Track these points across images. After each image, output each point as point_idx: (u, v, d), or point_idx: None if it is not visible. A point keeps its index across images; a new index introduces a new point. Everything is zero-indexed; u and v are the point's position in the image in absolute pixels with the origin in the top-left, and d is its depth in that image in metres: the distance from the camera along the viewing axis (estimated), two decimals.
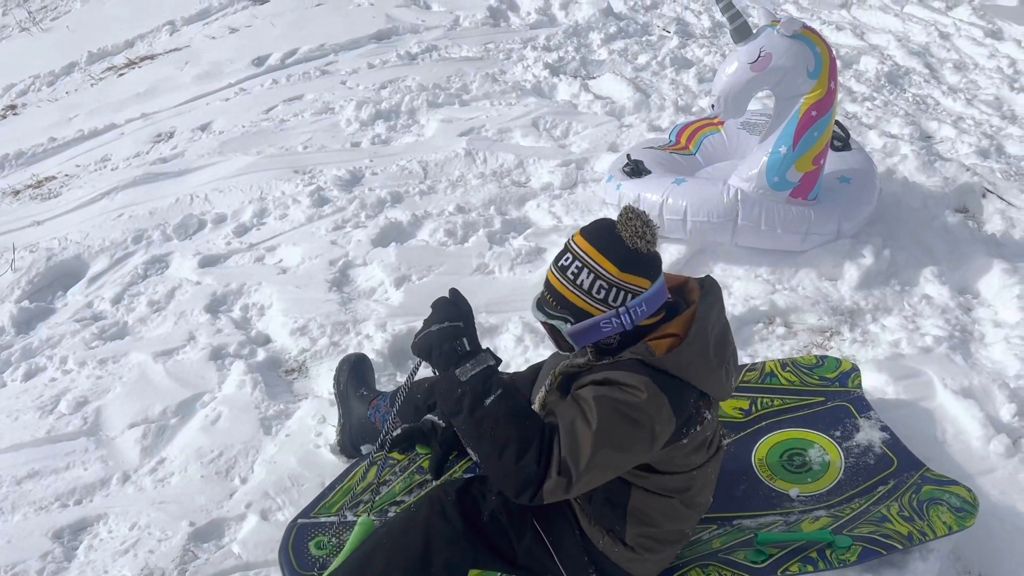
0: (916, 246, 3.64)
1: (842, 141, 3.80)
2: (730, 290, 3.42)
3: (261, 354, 3.13)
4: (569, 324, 1.87)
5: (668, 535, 2.01)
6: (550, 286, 1.89)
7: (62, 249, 3.92)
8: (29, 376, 3.14)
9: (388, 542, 1.96)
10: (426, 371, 2.17)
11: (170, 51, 6.85)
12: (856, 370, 2.74)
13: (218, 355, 3.12)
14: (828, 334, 3.22)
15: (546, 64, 5.73)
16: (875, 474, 2.44)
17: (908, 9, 7.08)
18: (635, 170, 3.68)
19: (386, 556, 1.94)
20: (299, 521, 2.27)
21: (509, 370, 2.74)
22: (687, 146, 3.99)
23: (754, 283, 3.44)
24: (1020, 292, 3.31)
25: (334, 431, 2.67)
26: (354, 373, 2.66)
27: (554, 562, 1.98)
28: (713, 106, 3.39)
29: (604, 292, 1.82)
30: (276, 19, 7.05)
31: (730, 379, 1.96)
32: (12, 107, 6.49)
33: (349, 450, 2.60)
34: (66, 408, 2.92)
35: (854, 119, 4.95)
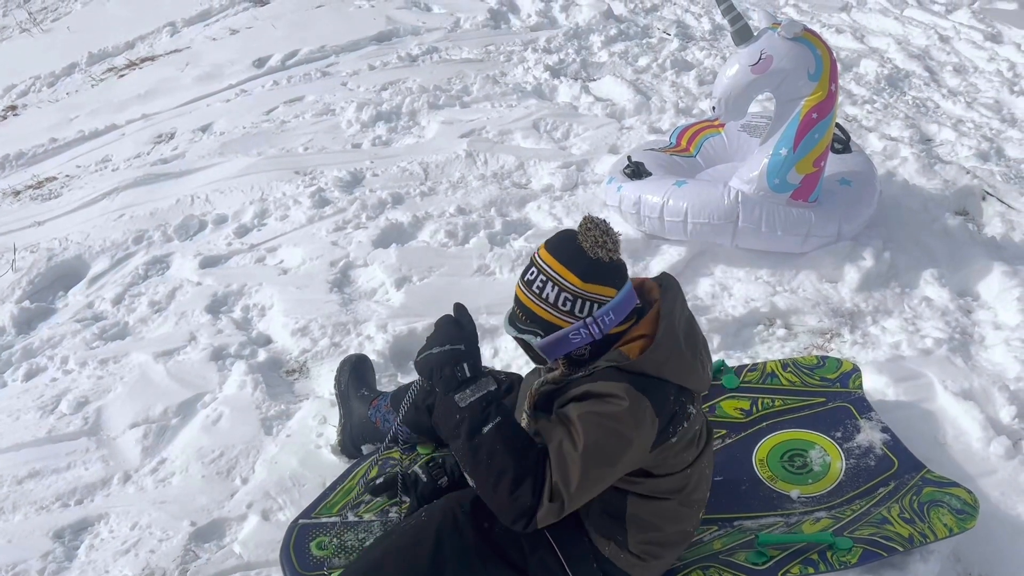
0: (916, 248, 3.65)
1: (842, 143, 3.81)
2: (731, 292, 3.43)
3: (262, 355, 3.13)
4: (539, 338, 1.88)
5: (671, 537, 2.02)
6: (519, 301, 1.90)
7: (63, 249, 3.92)
8: (30, 376, 3.14)
9: (398, 550, 1.95)
10: None
11: (171, 52, 6.85)
12: (857, 371, 2.74)
13: (219, 355, 3.12)
14: (829, 336, 3.22)
15: (547, 66, 5.73)
16: (876, 475, 2.44)
17: (908, 12, 7.09)
18: (636, 172, 3.68)
19: (395, 564, 1.93)
20: (300, 521, 2.27)
21: (510, 370, 2.75)
22: (688, 148, 3.99)
23: (755, 285, 3.44)
24: (1020, 295, 3.31)
25: (335, 431, 2.67)
26: (355, 374, 2.66)
27: (566, 573, 1.97)
28: (714, 108, 3.40)
29: (570, 304, 1.83)
30: (277, 21, 7.05)
31: (706, 370, 1.97)
32: (13, 108, 6.49)
33: (350, 450, 2.60)
34: (67, 408, 2.92)
35: (854, 122, 4.95)
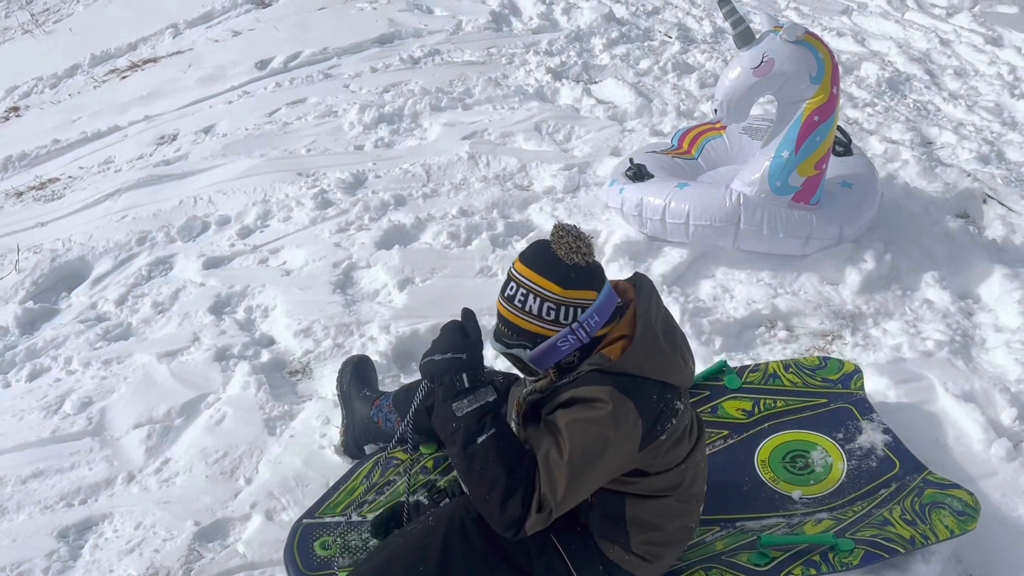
0: (917, 251, 3.66)
1: (844, 146, 3.82)
2: (732, 294, 3.44)
3: (265, 355, 3.14)
4: (528, 350, 1.89)
5: (673, 535, 2.03)
6: (502, 317, 1.91)
7: (66, 250, 3.93)
8: (34, 376, 3.15)
9: (405, 555, 1.95)
10: None
11: (173, 54, 6.86)
12: (859, 372, 2.75)
13: (222, 356, 3.13)
14: (830, 338, 3.23)
15: (548, 69, 5.74)
16: (877, 477, 2.45)
17: (909, 16, 7.10)
18: (637, 174, 3.69)
19: (403, 568, 1.94)
20: (304, 521, 2.28)
21: (512, 370, 2.76)
22: (689, 150, 4.01)
23: (756, 287, 3.45)
24: (1021, 297, 3.32)
25: (338, 432, 2.68)
26: (356, 374, 2.67)
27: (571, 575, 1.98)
28: (716, 111, 3.41)
29: (554, 312, 1.84)
30: (279, 23, 7.06)
31: (687, 364, 1.98)
32: (15, 109, 6.50)
33: (353, 450, 2.62)
34: (71, 408, 2.93)
35: (855, 125, 4.97)
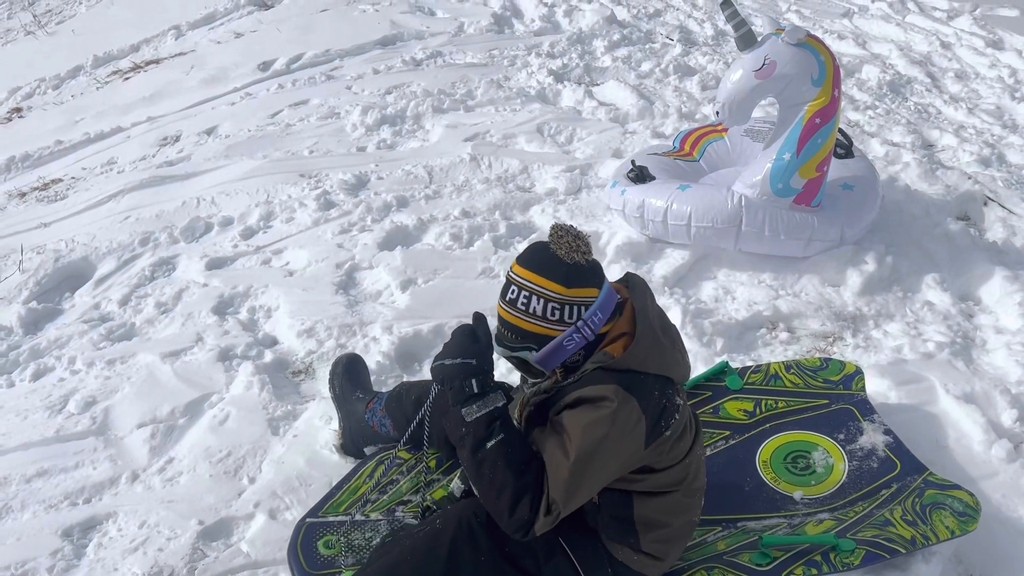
0: (918, 253, 3.67)
1: (845, 149, 3.83)
2: (734, 295, 3.45)
3: (268, 355, 3.15)
4: (534, 352, 1.90)
5: (679, 531, 2.04)
6: (505, 322, 1.91)
7: (69, 251, 3.94)
8: (37, 376, 3.16)
9: (412, 558, 1.96)
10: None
11: (176, 55, 6.88)
12: (860, 373, 2.76)
13: (226, 356, 3.14)
14: (831, 339, 3.24)
15: (550, 71, 5.76)
16: (878, 478, 2.46)
17: (910, 19, 7.12)
18: (639, 176, 3.70)
19: (410, 571, 1.94)
20: (307, 520, 2.28)
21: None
22: (691, 152, 4.02)
23: (757, 288, 3.46)
24: (1021, 299, 3.33)
25: (336, 436, 2.68)
26: (347, 376, 2.65)
27: None
28: (718, 113, 3.42)
29: (559, 312, 1.85)
30: (281, 24, 7.08)
31: (685, 359, 2.01)
32: (18, 110, 6.52)
33: (353, 452, 2.62)
34: (75, 408, 2.94)
35: (856, 127, 4.98)
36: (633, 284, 2.02)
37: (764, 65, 3.27)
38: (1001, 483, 2.56)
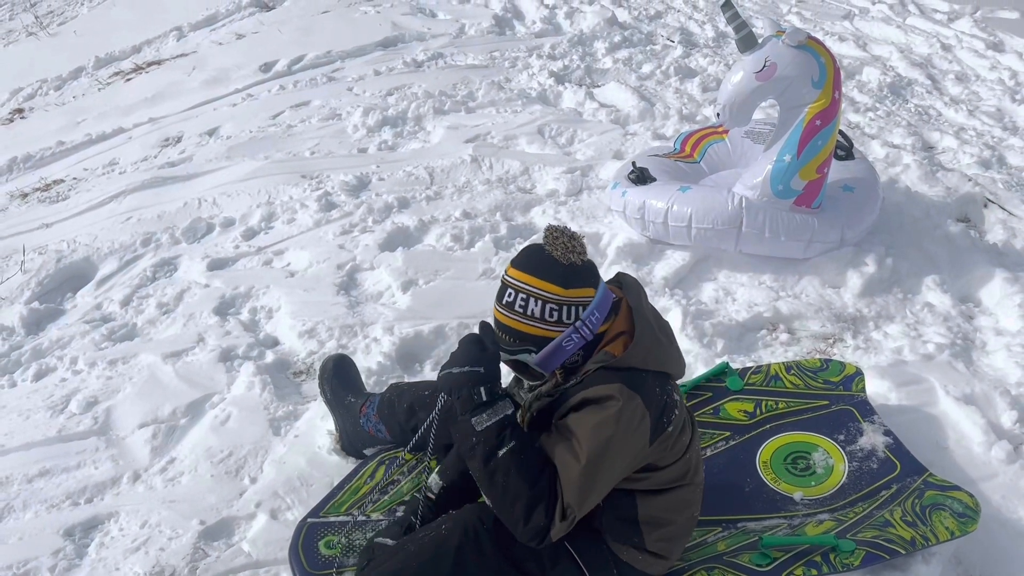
0: (918, 255, 3.68)
1: (845, 150, 3.84)
2: (734, 296, 3.46)
3: (270, 356, 3.15)
4: (533, 354, 1.90)
5: (682, 527, 2.06)
6: (502, 325, 1.91)
7: (71, 251, 3.95)
8: (39, 376, 3.17)
9: (417, 564, 1.95)
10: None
11: (177, 56, 6.90)
12: (860, 374, 2.77)
13: (227, 357, 3.15)
14: (831, 341, 3.25)
15: (551, 72, 5.77)
16: (878, 478, 2.47)
17: (910, 21, 7.13)
18: (640, 177, 3.71)
19: None
20: (308, 520, 2.29)
21: None
22: (692, 154, 4.02)
23: (758, 290, 3.47)
24: (1021, 301, 3.34)
25: (334, 438, 2.68)
26: (337, 378, 2.62)
27: None
28: (718, 114, 3.43)
29: (557, 313, 1.85)
30: (283, 26, 7.10)
31: (680, 354, 2.02)
32: (20, 111, 6.53)
33: (353, 453, 2.61)
34: (76, 408, 2.95)
35: (857, 129, 4.99)
36: (626, 283, 2.03)
37: (765, 67, 3.27)
38: (1001, 484, 2.57)
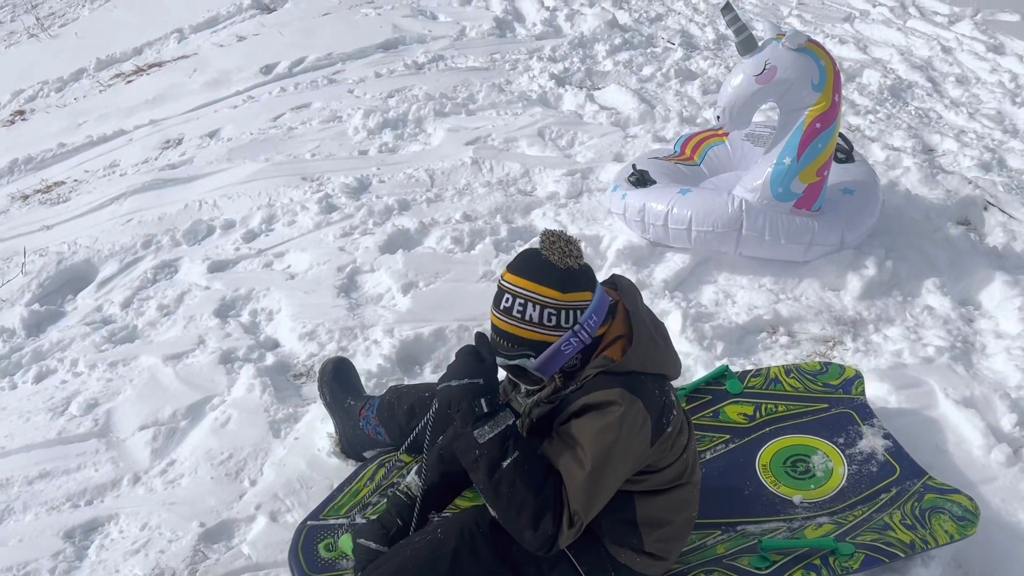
0: (918, 257, 3.68)
1: (845, 153, 3.84)
2: (734, 299, 3.46)
3: (270, 358, 3.16)
4: (532, 359, 1.90)
5: (680, 527, 2.06)
6: (500, 331, 1.90)
7: (72, 253, 3.96)
8: (40, 378, 3.17)
9: (414, 567, 1.95)
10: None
11: (178, 58, 6.91)
12: (860, 377, 2.77)
13: (227, 359, 3.15)
14: (831, 343, 3.25)
15: (552, 75, 5.78)
16: (878, 481, 2.47)
17: (911, 23, 7.13)
18: (640, 180, 3.71)
19: None
20: (308, 523, 2.29)
21: None
22: (692, 157, 4.02)
23: (758, 292, 3.47)
24: (1021, 304, 3.34)
25: (334, 441, 2.68)
26: (336, 381, 2.63)
27: None
28: (718, 117, 3.43)
29: (555, 318, 1.85)
30: (284, 28, 7.11)
31: (676, 355, 2.03)
32: (21, 112, 6.54)
33: (353, 455, 2.62)
34: (77, 410, 2.95)
35: (857, 132, 4.99)
36: (621, 285, 2.03)
37: (765, 70, 3.28)
38: (1000, 487, 2.56)
